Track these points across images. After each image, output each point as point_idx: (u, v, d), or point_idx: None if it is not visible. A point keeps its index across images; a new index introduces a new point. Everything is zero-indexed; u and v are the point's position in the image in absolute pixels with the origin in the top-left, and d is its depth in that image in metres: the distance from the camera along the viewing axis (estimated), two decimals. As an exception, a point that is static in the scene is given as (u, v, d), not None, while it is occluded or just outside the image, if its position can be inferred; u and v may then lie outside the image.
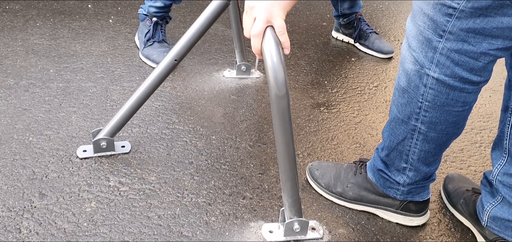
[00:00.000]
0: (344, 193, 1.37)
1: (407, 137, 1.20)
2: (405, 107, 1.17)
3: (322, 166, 1.44)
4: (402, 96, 1.17)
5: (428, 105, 1.12)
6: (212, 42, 2.37)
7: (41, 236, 1.21)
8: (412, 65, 1.11)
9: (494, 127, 1.86)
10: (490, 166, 1.63)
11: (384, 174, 1.31)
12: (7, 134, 1.58)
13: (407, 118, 1.17)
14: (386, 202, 1.34)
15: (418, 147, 1.20)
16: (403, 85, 1.15)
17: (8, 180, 1.38)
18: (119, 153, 1.52)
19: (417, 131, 1.17)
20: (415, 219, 1.34)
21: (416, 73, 1.11)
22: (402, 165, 1.25)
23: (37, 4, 2.63)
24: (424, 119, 1.15)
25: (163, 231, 1.26)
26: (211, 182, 1.44)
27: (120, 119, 1.47)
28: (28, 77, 1.92)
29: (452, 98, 1.10)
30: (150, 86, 1.43)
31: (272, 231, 1.27)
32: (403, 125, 1.19)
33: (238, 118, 1.77)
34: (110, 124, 1.48)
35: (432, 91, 1.10)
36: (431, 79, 1.08)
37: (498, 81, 2.23)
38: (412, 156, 1.22)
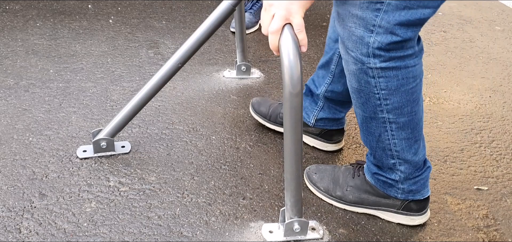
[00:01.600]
0: (344, 196, 1.37)
1: (382, 132, 1.22)
2: (366, 105, 1.20)
3: (320, 169, 1.44)
4: (359, 96, 1.20)
5: (386, 93, 1.16)
6: (212, 42, 2.37)
7: (41, 236, 1.21)
8: (354, 65, 1.15)
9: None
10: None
11: (381, 176, 1.31)
12: (7, 134, 1.58)
13: (373, 114, 1.20)
14: (387, 203, 1.34)
15: (396, 137, 1.22)
16: (356, 86, 1.19)
17: (8, 180, 1.38)
18: (119, 153, 1.51)
19: (388, 121, 1.20)
20: (417, 218, 1.34)
21: (360, 71, 1.15)
22: (390, 162, 1.27)
23: (37, 4, 2.63)
24: (388, 108, 1.18)
25: (163, 231, 1.26)
26: (211, 182, 1.44)
27: (121, 120, 1.47)
28: (28, 77, 1.92)
29: (404, 77, 1.15)
30: (153, 88, 1.45)
31: (272, 231, 1.27)
32: (374, 122, 1.22)
33: (238, 118, 1.77)
34: (111, 124, 1.48)
35: (382, 79, 1.14)
36: (375, 70, 1.13)
37: (498, 81, 2.23)
38: (394, 148, 1.24)
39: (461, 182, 1.54)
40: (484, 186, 1.54)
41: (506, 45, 2.64)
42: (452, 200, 1.46)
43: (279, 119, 1.65)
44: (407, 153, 1.24)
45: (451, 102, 2.01)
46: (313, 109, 1.57)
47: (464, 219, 1.40)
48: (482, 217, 1.41)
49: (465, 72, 2.29)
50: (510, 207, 1.46)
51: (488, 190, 1.52)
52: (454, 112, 1.94)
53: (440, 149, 1.69)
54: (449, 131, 1.81)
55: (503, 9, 3.23)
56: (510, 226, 1.39)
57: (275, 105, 1.68)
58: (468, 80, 2.22)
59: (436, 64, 2.34)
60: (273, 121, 1.67)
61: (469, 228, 1.37)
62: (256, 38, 2.48)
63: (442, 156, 1.66)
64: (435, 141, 1.74)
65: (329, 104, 1.53)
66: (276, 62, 2.23)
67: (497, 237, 1.35)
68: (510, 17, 3.08)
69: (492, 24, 2.94)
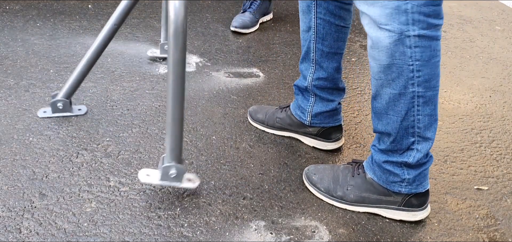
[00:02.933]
0: (345, 196, 1.37)
1: (409, 108, 1.23)
2: (397, 80, 1.20)
3: (319, 170, 1.44)
4: (390, 73, 1.20)
5: (419, 64, 1.18)
6: (212, 42, 2.37)
7: (41, 236, 1.21)
8: (389, 39, 1.16)
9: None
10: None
11: (389, 165, 1.31)
12: (7, 134, 1.58)
13: (403, 89, 1.21)
14: (388, 200, 1.34)
15: (421, 113, 1.23)
16: (387, 62, 1.19)
17: (8, 180, 1.38)
18: (75, 114, 1.69)
19: (416, 95, 1.21)
20: (418, 213, 1.34)
21: (397, 42, 1.16)
22: (410, 140, 1.26)
23: (37, 4, 2.63)
24: (419, 80, 1.19)
25: (163, 231, 1.26)
26: (211, 182, 1.44)
27: (73, 82, 1.65)
28: (28, 77, 1.92)
29: (434, 49, 1.18)
30: (97, 50, 1.61)
31: (149, 175, 1.31)
32: (402, 98, 1.22)
33: (238, 118, 1.77)
34: (65, 87, 1.66)
35: (418, 48, 1.16)
36: (413, 38, 1.15)
37: (498, 81, 2.23)
38: (417, 125, 1.24)
39: (461, 182, 1.54)
40: (484, 186, 1.54)
41: (506, 45, 2.64)
42: (452, 200, 1.46)
43: (276, 124, 1.67)
44: (427, 131, 1.25)
45: (451, 102, 2.01)
46: (306, 106, 1.59)
47: (464, 219, 1.40)
48: (482, 217, 1.41)
49: (465, 72, 2.29)
50: (511, 207, 1.46)
51: (488, 190, 1.52)
52: (454, 112, 1.94)
53: (440, 149, 1.69)
54: (449, 131, 1.81)
55: (503, 9, 3.23)
56: (510, 226, 1.39)
57: (271, 110, 1.70)
58: (468, 80, 2.22)
59: (436, 64, 2.34)
60: (270, 125, 1.68)
61: (469, 228, 1.37)
62: (256, 38, 2.48)
63: (442, 156, 1.66)
64: (435, 141, 1.74)
65: (320, 95, 1.55)
66: (276, 62, 2.23)
67: (497, 237, 1.35)
68: (510, 17, 3.08)
69: (492, 24, 2.94)
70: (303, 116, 1.61)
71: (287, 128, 1.66)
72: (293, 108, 1.64)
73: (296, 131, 1.65)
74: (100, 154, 1.52)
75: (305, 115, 1.60)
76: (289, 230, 1.29)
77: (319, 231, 1.30)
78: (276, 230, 1.29)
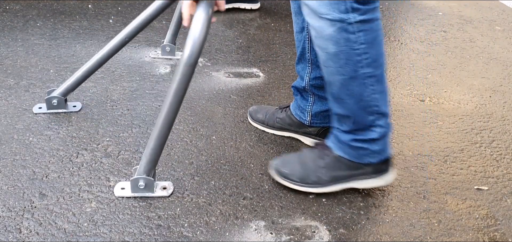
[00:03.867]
0: (320, 180, 1.38)
1: (363, 90, 1.26)
2: (346, 66, 1.24)
3: (287, 162, 1.44)
4: (338, 59, 1.23)
5: (365, 47, 1.22)
6: (212, 42, 2.38)
7: (41, 236, 1.21)
8: (332, 27, 1.19)
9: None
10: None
11: (358, 141, 1.34)
12: (8, 134, 1.58)
13: (354, 73, 1.24)
14: (360, 173, 1.38)
15: (376, 91, 1.27)
16: (334, 50, 1.22)
17: (8, 180, 1.38)
18: (70, 111, 1.71)
19: (368, 76, 1.25)
20: (388, 176, 1.41)
21: (340, 30, 1.19)
22: (370, 119, 1.31)
23: (37, 4, 2.63)
24: (368, 62, 1.23)
25: (163, 231, 1.26)
26: (212, 182, 1.44)
27: (73, 83, 1.68)
28: (28, 77, 1.92)
29: (376, 29, 1.23)
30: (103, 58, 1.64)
31: (124, 188, 1.36)
32: (355, 82, 1.25)
33: (238, 118, 1.77)
34: (63, 86, 1.68)
35: (361, 32, 1.20)
36: (355, 24, 1.19)
37: (498, 81, 2.23)
38: (375, 103, 1.29)
39: (461, 182, 1.54)
40: (485, 186, 1.54)
41: (506, 45, 2.64)
42: (452, 200, 1.46)
43: (276, 124, 1.67)
44: (384, 106, 1.31)
45: (451, 102, 2.01)
46: (305, 106, 1.59)
47: (464, 219, 1.40)
48: (482, 217, 1.41)
49: (465, 72, 2.29)
50: (511, 207, 1.46)
51: (488, 190, 1.52)
52: (454, 112, 1.94)
53: (440, 149, 1.69)
54: (449, 131, 1.81)
55: (503, 9, 3.23)
56: (510, 226, 1.39)
57: (271, 110, 1.70)
58: (468, 80, 2.22)
59: (436, 64, 2.34)
60: (270, 125, 1.68)
61: (469, 228, 1.37)
62: (256, 38, 2.48)
63: (442, 156, 1.66)
64: (435, 141, 1.74)
65: (318, 94, 1.55)
66: (276, 62, 2.23)
67: (497, 237, 1.35)
68: (510, 17, 3.08)
69: (492, 24, 2.94)
70: (303, 116, 1.61)
71: (287, 128, 1.66)
72: (293, 108, 1.64)
73: (296, 131, 1.65)
74: (100, 154, 1.52)
75: (305, 115, 1.60)
76: (289, 230, 1.29)
77: (319, 231, 1.30)
78: (276, 230, 1.29)
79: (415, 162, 1.61)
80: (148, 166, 1.32)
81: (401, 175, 1.54)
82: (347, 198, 1.42)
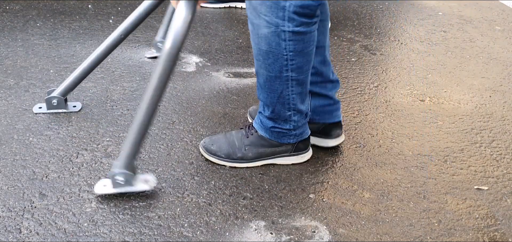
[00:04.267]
0: (245, 156, 1.50)
1: (284, 88, 1.39)
2: (273, 65, 1.35)
3: (215, 140, 1.53)
4: (267, 57, 1.35)
5: (293, 54, 1.33)
6: (212, 42, 2.38)
7: (41, 236, 1.21)
8: (267, 28, 1.29)
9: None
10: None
11: (276, 128, 1.47)
12: (8, 134, 1.58)
13: (279, 73, 1.36)
14: (281, 150, 1.51)
15: (295, 92, 1.40)
16: (265, 48, 1.33)
17: (9, 180, 1.38)
18: (70, 111, 1.71)
19: (290, 79, 1.37)
20: (305, 155, 1.55)
21: (274, 34, 1.30)
22: (287, 114, 1.44)
23: (37, 4, 2.63)
24: (292, 67, 1.35)
25: (163, 231, 1.26)
26: (211, 182, 1.44)
27: (71, 82, 1.68)
28: (28, 77, 1.92)
29: (307, 41, 1.33)
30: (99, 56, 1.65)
31: (106, 185, 1.35)
32: (278, 80, 1.38)
33: (238, 118, 1.77)
34: (62, 85, 1.69)
35: (292, 42, 1.31)
36: (288, 33, 1.29)
37: (498, 81, 2.23)
38: (292, 102, 1.42)
39: (461, 182, 1.54)
40: (484, 186, 1.54)
41: (506, 45, 2.64)
42: (452, 200, 1.46)
43: None
44: (300, 105, 1.43)
45: (451, 102, 2.01)
46: None
47: (464, 219, 1.40)
48: (482, 217, 1.41)
49: (465, 72, 2.29)
50: (511, 207, 1.46)
51: (488, 190, 1.52)
52: (454, 112, 1.94)
53: (440, 149, 1.69)
54: (449, 131, 1.81)
55: (503, 9, 3.23)
56: (510, 226, 1.39)
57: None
58: (468, 80, 2.22)
59: (436, 64, 2.34)
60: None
61: (469, 228, 1.37)
62: (256, 38, 2.48)
63: (442, 156, 1.66)
64: (435, 141, 1.74)
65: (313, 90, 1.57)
66: (276, 62, 2.23)
67: (497, 237, 1.35)
68: (510, 17, 3.08)
69: (492, 24, 2.95)
70: None
71: None
72: None
73: None
74: (100, 154, 1.52)
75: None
76: (289, 230, 1.29)
77: (319, 231, 1.30)
78: (276, 230, 1.29)
79: (415, 162, 1.61)
80: (127, 160, 1.31)
81: (401, 175, 1.54)
82: (346, 197, 1.42)
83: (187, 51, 2.25)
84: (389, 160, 1.61)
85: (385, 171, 1.55)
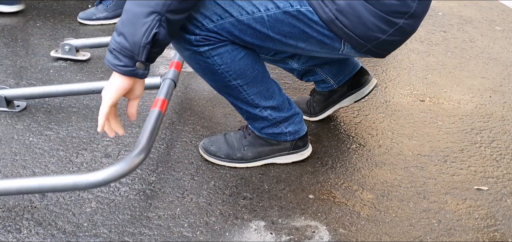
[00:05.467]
0: (244, 156, 1.50)
1: (237, 93, 1.37)
2: (215, 78, 1.33)
3: (214, 141, 1.53)
4: (205, 75, 1.35)
5: (225, 67, 1.30)
6: (212, 42, 2.37)
7: (41, 236, 1.21)
8: (186, 51, 1.27)
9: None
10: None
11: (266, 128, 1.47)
12: (7, 134, 1.58)
13: (224, 83, 1.34)
14: (280, 148, 1.51)
15: (250, 93, 1.37)
16: (197, 68, 1.33)
17: (8, 180, 1.38)
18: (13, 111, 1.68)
19: (239, 85, 1.35)
20: (305, 152, 1.54)
21: (194, 53, 1.27)
22: (256, 111, 1.42)
23: (37, 4, 2.63)
24: (234, 76, 1.32)
25: (163, 231, 1.26)
26: (211, 182, 1.44)
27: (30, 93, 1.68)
28: (28, 77, 1.92)
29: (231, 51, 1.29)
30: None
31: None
32: (228, 88, 1.35)
33: (238, 118, 1.77)
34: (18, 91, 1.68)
35: (216, 57, 1.27)
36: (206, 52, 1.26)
37: (498, 82, 2.23)
38: (253, 101, 1.39)
39: (461, 182, 1.54)
40: (484, 186, 1.54)
41: (506, 45, 2.64)
42: (452, 200, 1.46)
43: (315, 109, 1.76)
44: (264, 101, 1.41)
45: (451, 102, 2.01)
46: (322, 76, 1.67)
47: (464, 219, 1.40)
48: (482, 217, 1.41)
49: (465, 72, 2.29)
50: (511, 207, 1.46)
51: (488, 190, 1.52)
52: (454, 112, 1.94)
53: (440, 149, 1.69)
54: (449, 131, 1.81)
55: (503, 9, 3.23)
56: (510, 226, 1.39)
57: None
58: (468, 80, 2.22)
59: (436, 64, 2.34)
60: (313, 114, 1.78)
61: (469, 228, 1.37)
62: (256, 38, 2.47)
63: (442, 156, 1.66)
64: (435, 141, 1.74)
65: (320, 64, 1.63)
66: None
67: (497, 237, 1.35)
68: (510, 17, 3.08)
69: (492, 24, 2.95)
70: (327, 85, 1.69)
71: (326, 106, 1.74)
72: (317, 86, 1.73)
73: (333, 100, 1.72)
74: (100, 154, 1.52)
75: (328, 82, 1.68)
76: (289, 230, 1.29)
77: (319, 231, 1.30)
78: (276, 230, 1.29)
79: (415, 162, 1.61)
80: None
81: (401, 175, 1.54)
82: (346, 197, 1.42)
83: (187, 51, 2.25)
84: (389, 160, 1.61)
85: (385, 171, 1.55)
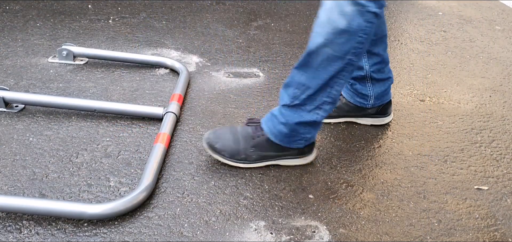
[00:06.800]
0: (248, 157, 1.48)
1: (339, 71, 1.34)
2: (343, 46, 1.30)
3: (219, 137, 1.49)
4: (340, 37, 1.29)
5: (366, 38, 1.30)
6: (212, 42, 2.38)
7: (41, 236, 1.21)
8: (352, 6, 1.26)
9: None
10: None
11: (300, 126, 1.42)
12: (7, 134, 1.58)
13: (344, 54, 1.31)
14: (285, 153, 1.50)
15: (345, 78, 1.37)
16: (343, 27, 1.27)
17: (9, 180, 1.38)
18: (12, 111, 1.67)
19: (350, 63, 1.34)
20: (309, 157, 1.54)
21: (358, 13, 1.26)
22: (323, 100, 1.39)
23: (37, 4, 2.63)
24: (358, 51, 1.32)
25: (163, 231, 1.26)
26: (211, 182, 1.44)
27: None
28: (28, 77, 1.92)
29: (376, 26, 1.35)
30: None
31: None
32: (338, 61, 1.32)
33: (238, 118, 1.77)
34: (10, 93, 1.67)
35: (370, 24, 1.29)
36: (371, 14, 1.28)
37: (498, 81, 2.23)
38: (337, 88, 1.38)
39: (461, 182, 1.54)
40: (485, 185, 1.54)
41: (506, 45, 2.64)
42: (452, 200, 1.46)
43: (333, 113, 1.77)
44: (338, 94, 1.40)
45: (451, 102, 2.01)
46: (366, 91, 1.70)
47: (464, 219, 1.40)
48: (482, 217, 1.41)
49: (465, 72, 2.29)
50: (511, 207, 1.46)
51: (488, 190, 1.52)
52: (454, 112, 1.94)
53: (440, 149, 1.69)
54: (449, 131, 1.81)
55: (503, 9, 3.23)
56: (510, 226, 1.39)
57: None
58: (468, 80, 2.22)
59: (436, 64, 2.34)
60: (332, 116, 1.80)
61: (469, 228, 1.37)
62: (256, 38, 2.48)
63: (442, 156, 1.66)
64: (435, 140, 1.74)
65: (376, 78, 1.66)
66: (276, 62, 2.23)
67: (497, 237, 1.35)
68: (510, 17, 3.08)
69: (492, 24, 2.94)
70: (364, 101, 1.72)
71: (345, 115, 1.76)
72: (350, 96, 1.73)
73: (355, 115, 1.76)
74: (100, 154, 1.52)
75: (366, 99, 1.71)
76: (289, 230, 1.29)
77: (319, 231, 1.30)
78: (276, 230, 1.29)
79: (415, 162, 1.61)
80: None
81: (401, 175, 1.54)
82: (346, 197, 1.42)
83: (187, 51, 2.25)
84: (389, 160, 1.61)
85: (385, 171, 1.55)
